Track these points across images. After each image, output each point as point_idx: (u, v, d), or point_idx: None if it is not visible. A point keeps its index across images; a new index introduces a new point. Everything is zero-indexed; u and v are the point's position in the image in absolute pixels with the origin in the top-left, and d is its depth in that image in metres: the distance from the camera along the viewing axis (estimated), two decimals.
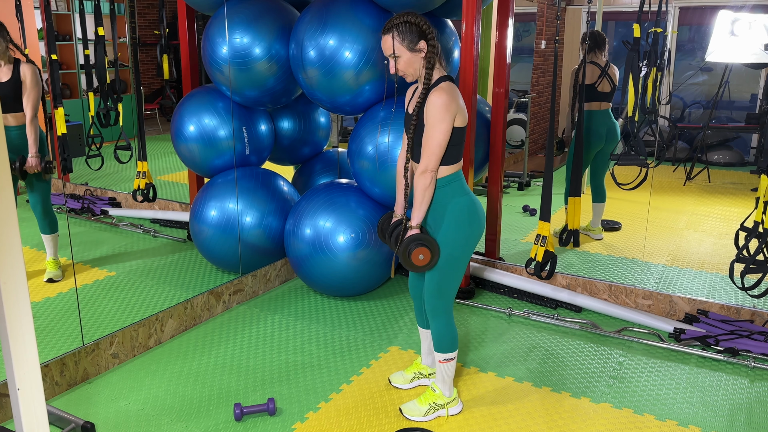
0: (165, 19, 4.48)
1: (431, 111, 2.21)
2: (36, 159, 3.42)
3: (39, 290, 3.57)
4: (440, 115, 2.19)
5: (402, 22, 2.22)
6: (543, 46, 7.38)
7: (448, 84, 2.24)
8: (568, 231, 4.00)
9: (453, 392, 2.52)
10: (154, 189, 4.50)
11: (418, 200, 2.29)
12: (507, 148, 6.57)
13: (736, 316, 3.23)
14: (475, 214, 2.35)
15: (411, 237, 2.28)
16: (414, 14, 2.24)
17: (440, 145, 2.22)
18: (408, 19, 2.22)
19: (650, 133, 4.14)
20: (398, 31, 2.22)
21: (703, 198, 5.75)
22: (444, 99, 2.19)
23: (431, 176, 2.25)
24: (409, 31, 2.22)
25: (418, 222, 2.31)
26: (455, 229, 2.31)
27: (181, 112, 3.81)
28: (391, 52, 2.25)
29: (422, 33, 2.22)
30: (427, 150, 2.23)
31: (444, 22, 3.89)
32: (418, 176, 2.26)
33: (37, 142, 3.41)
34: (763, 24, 5.50)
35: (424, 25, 2.23)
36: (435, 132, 2.21)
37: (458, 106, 2.23)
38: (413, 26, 2.22)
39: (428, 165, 2.24)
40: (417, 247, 2.25)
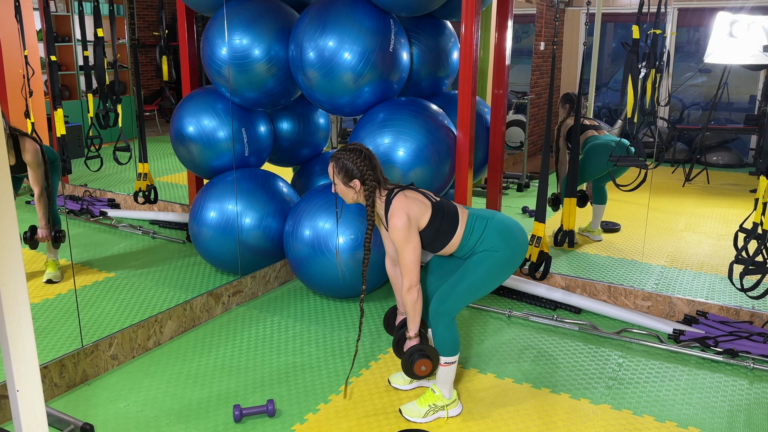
0: (164, 21, 4.49)
1: (395, 236, 2.34)
2: (46, 231, 3.47)
3: (38, 291, 3.57)
4: (404, 238, 2.32)
5: (341, 157, 2.37)
6: (542, 48, 7.39)
7: (396, 202, 2.36)
8: (563, 231, 4.01)
9: (453, 394, 2.53)
10: (156, 191, 4.50)
11: (410, 314, 2.43)
12: (506, 149, 6.58)
13: (736, 317, 3.23)
14: (509, 233, 2.44)
15: (412, 348, 2.43)
16: (357, 152, 2.36)
17: (415, 260, 2.35)
18: (348, 156, 2.37)
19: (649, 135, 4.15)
20: (336, 163, 2.39)
21: (702, 199, 5.76)
22: (401, 221, 2.31)
23: (417, 290, 2.37)
24: (345, 167, 2.37)
25: (415, 333, 2.45)
26: (494, 252, 2.41)
27: (181, 114, 3.81)
28: (330, 178, 2.43)
29: (359, 173, 2.36)
30: (405, 270, 2.36)
31: (443, 24, 3.89)
32: (405, 293, 2.38)
33: (45, 216, 3.44)
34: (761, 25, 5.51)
35: (362, 164, 2.35)
36: (405, 253, 2.34)
37: (416, 212, 2.36)
38: (351, 164, 2.36)
39: (411, 281, 2.36)
40: (419, 359, 2.40)
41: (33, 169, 3.36)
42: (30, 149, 3.33)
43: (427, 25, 3.79)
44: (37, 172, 3.37)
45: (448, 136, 3.46)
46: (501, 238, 2.41)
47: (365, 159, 2.38)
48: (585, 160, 4.37)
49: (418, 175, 3.35)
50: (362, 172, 2.36)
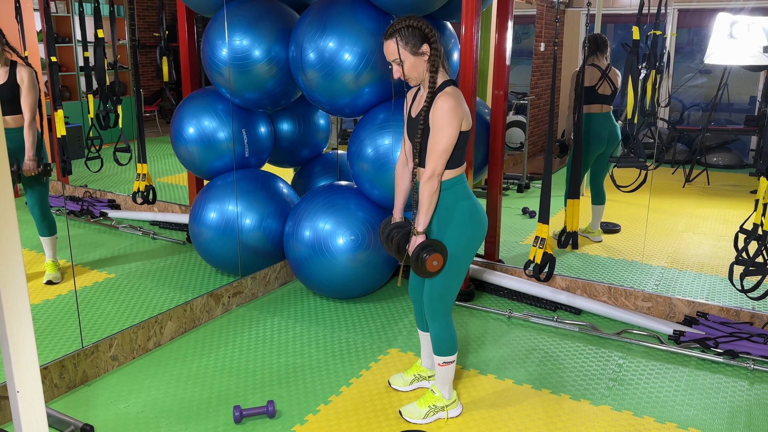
0: (164, 22, 4.49)
1: (438, 115, 2.19)
2: (33, 162, 3.41)
3: (38, 292, 3.57)
4: (448, 120, 2.18)
5: (404, 26, 2.21)
6: (542, 49, 7.39)
7: (453, 88, 2.24)
8: (567, 233, 4.01)
9: (453, 395, 2.52)
10: (154, 191, 4.50)
11: (424, 206, 2.27)
12: (506, 150, 6.58)
13: (736, 318, 3.23)
14: (478, 217, 2.35)
15: (422, 244, 2.26)
16: (416, 18, 2.23)
17: (447, 149, 2.21)
18: (410, 23, 2.21)
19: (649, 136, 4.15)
20: (401, 35, 2.21)
21: (703, 200, 5.76)
22: (451, 103, 2.18)
23: (437, 181, 2.24)
24: (411, 35, 2.20)
25: (423, 227, 2.29)
26: (458, 232, 2.31)
27: (181, 114, 3.81)
28: (395, 57, 2.23)
29: (425, 36, 2.21)
30: (434, 154, 2.22)
31: (443, 25, 3.89)
32: (425, 182, 2.24)
33: (34, 145, 3.39)
34: (761, 26, 5.51)
35: (427, 28, 2.22)
36: (442, 137, 2.20)
37: (464, 111, 2.23)
38: (416, 30, 2.20)
39: (435, 169, 2.23)
40: (431, 254, 2.23)
41: (26, 90, 3.34)
42: (25, 70, 3.34)
43: None
44: (30, 95, 3.35)
45: None
46: (469, 216, 2.32)
47: (427, 23, 2.23)
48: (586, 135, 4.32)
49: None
50: (429, 34, 2.19)
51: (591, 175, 4.64)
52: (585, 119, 4.30)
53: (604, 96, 4.37)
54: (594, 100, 4.35)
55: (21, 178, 3.46)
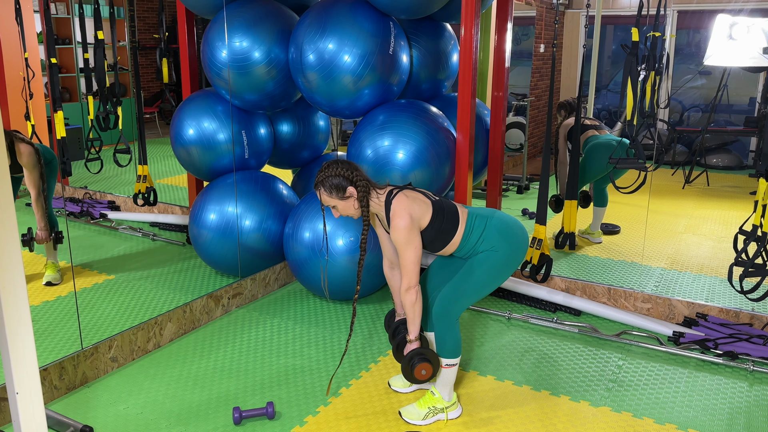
0: (164, 23, 4.49)
1: (396, 237, 2.32)
2: (45, 232, 3.47)
3: (38, 294, 3.57)
4: (406, 238, 2.31)
5: (325, 177, 2.35)
6: (542, 50, 7.40)
7: (397, 202, 2.34)
8: (564, 234, 4.01)
9: (453, 396, 2.52)
10: (155, 193, 4.50)
11: (410, 316, 2.41)
12: (506, 151, 6.58)
13: (735, 319, 3.23)
14: (510, 232, 2.43)
15: (413, 352, 2.41)
16: (335, 165, 2.35)
17: (415, 262, 2.33)
18: (330, 172, 2.35)
19: (649, 137, 4.15)
20: (324, 186, 2.36)
21: (702, 201, 5.76)
22: (404, 222, 2.30)
23: (416, 292, 2.35)
24: (334, 185, 2.35)
25: (415, 336, 2.42)
26: (494, 252, 2.40)
27: (181, 116, 3.82)
28: (326, 204, 2.41)
29: (347, 180, 2.34)
30: (405, 270, 2.34)
31: (443, 26, 3.90)
32: (404, 294, 2.36)
33: (45, 217, 3.43)
34: (761, 28, 5.52)
35: (347, 171, 2.34)
36: (407, 254, 2.32)
37: (418, 212, 2.35)
38: (337, 177, 2.34)
39: (410, 282, 2.34)
40: (420, 363, 2.39)
41: (29, 171, 3.35)
42: (25, 151, 3.32)
43: (427, 27, 3.79)
44: (33, 174, 3.36)
45: (447, 138, 3.46)
46: (501, 236, 2.40)
47: (346, 165, 2.37)
48: (586, 160, 4.37)
49: (418, 177, 3.35)
50: (350, 177, 2.35)
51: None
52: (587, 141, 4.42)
53: (593, 125, 4.55)
54: (586, 129, 4.51)
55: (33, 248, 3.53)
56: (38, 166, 3.37)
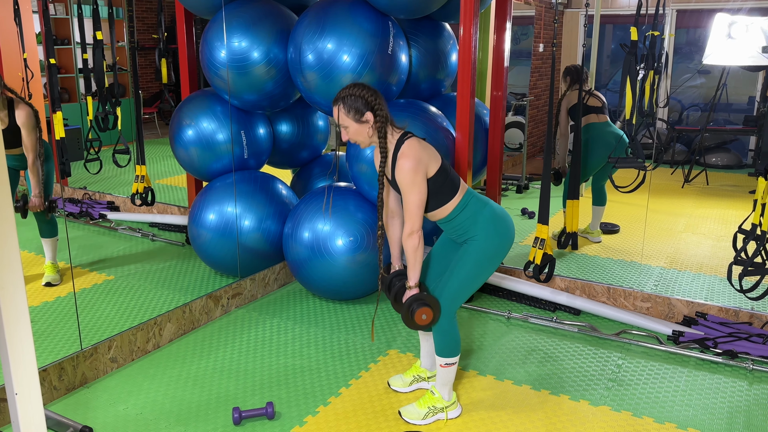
0: (163, 23, 4.49)
1: (401, 178, 2.27)
2: (39, 199, 3.42)
3: (37, 294, 3.57)
4: (411, 180, 2.26)
5: (347, 95, 2.29)
6: (541, 50, 7.40)
7: (408, 145, 2.29)
8: (567, 234, 4.01)
9: (452, 396, 2.52)
10: (153, 193, 4.50)
11: (410, 261, 2.36)
12: (505, 151, 6.58)
13: (735, 318, 3.23)
14: (502, 223, 2.41)
15: (412, 297, 2.35)
16: (361, 86, 2.30)
17: (419, 206, 2.29)
18: (353, 92, 2.29)
19: (648, 136, 4.15)
20: (344, 103, 2.30)
21: (702, 200, 5.76)
22: (411, 163, 2.25)
23: (418, 236, 2.30)
24: (354, 104, 2.29)
25: (415, 282, 2.36)
26: (484, 241, 2.37)
27: (180, 116, 3.81)
28: (340, 123, 2.33)
29: (368, 104, 2.29)
30: (408, 213, 2.29)
31: (442, 26, 3.90)
32: (406, 238, 2.32)
33: (40, 183, 3.39)
34: (760, 27, 5.52)
35: (370, 96, 2.29)
36: (410, 196, 2.27)
37: (426, 161, 2.29)
38: (358, 98, 2.28)
39: (413, 227, 2.29)
40: (419, 308, 2.32)
41: (27, 133, 3.31)
42: (23, 112, 3.30)
43: (426, 27, 3.79)
44: (31, 135, 3.32)
45: (447, 137, 3.46)
46: (493, 225, 2.38)
47: (371, 90, 2.30)
48: (584, 154, 4.34)
49: None
50: (372, 102, 2.29)
51: (593, 176, 4.64)
52: (585, 129, 4.36)
53: (595, 107, 4.46)
54: (587, 111, 4.43)
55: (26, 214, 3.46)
56: (36, 127, 3.33)
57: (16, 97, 3.32)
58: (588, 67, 5.43)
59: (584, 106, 4.36)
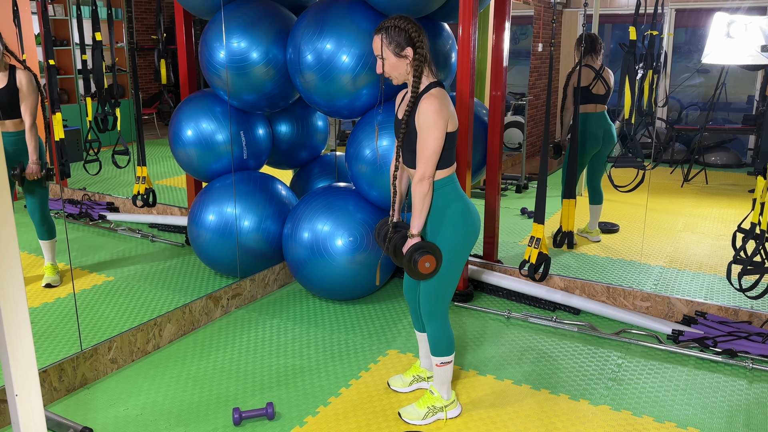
0: (162, 24, 4.49)
1: (423, 118, 2.19)
2: (36, 166, 3.41)
3: (37, 296, 3.57)
4: (433, 122, 2.18)
5: (392, 26, 2.23)
6: (540, 49, 7.40)
7: (438, 90, 2.24)
8: (562, 233, 4.01)
9: (452, 395, 2.52)
10: (154, 194, 4.51)
11: (417, 208, 2.26)
12: (505, 150, 6.58)
13: (734, 317, 3.23)
14: (470, 217, 2.35)
15: (415, 246, 2.26)
16: (406, 19, 2.24)
17: (435, 151, 2.21)
18: (398, 23, 2.23)
19: (647, 135, 4.15)
20: (387, 34, 2.24)
21: (701, 199, 5.76)
22: (435, 105, 2.18)
23: (429, 183, 2.23)
24: (396, 36, 2.23)
25: (418, 230, 2.28)
26: (451, 233, 2.31)
27: (179, 117, 3.82)
28: (378, 52, 2.26)
29: (410, 40, 2.23)
30: (422, 157, 2.21)
31: (441, 26, 3.90)
32: (416, 184, 2.24)
33: (37, 150, 3.39)
34: (759, 26, 5.52)
35: (414, 32, 2.23)
36: (429, 139, 2.19)
37: (449, 112, 2.24)
38: (402, 32, 2.22)
39: (425, 172, 2.22)
40: (422, 256, 2.23)
41: (26, 96, 3.32)
42: (24, 77, 3.31)
43: (425, 27, 3.77)
44: (29, 99, 3.32)
45: None
46: (462, 217, 2.32)
47: (416, 26, 2.26)
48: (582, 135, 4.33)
49: None
50: (416, 39, 2.22)
51: (588, 175, 4.64)
52: (580, 119, 4.31)
53: (598, 96, 4.38)
54: (588, 99, 4.36)
55: (24, 182, 3.45)
56: (35, 91, 3.34)
57: (17, 62, 3.33)
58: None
59: (587, 93, 4.31)
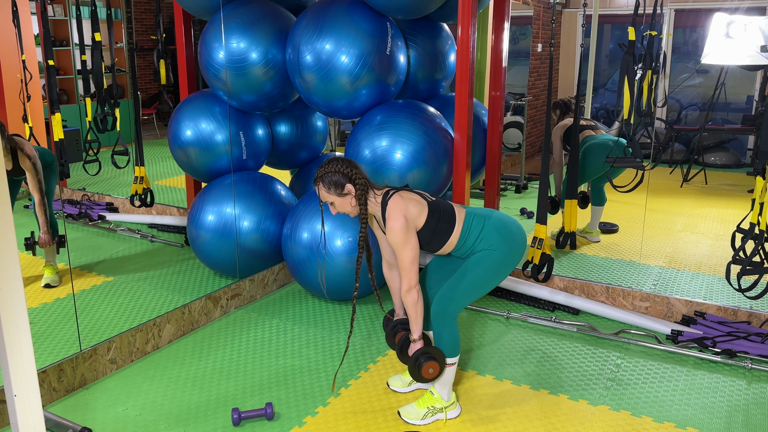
0: (162, 24, 4.49)
1: (392, 238, 2.33)
2: (47, 236, 3.46)
3: (36, 296, 3.57)
4: (403, 239, 2.32)
5: (325, 173, 2.36)
6: (539, 50, 7.40)
7: (392, 203, 2.35)
8: (565, 233, 4.01)
9: (452, 396, 2.53)
10: (152, 194, 4.50)
11: (412, 316, 2.41)
12: (504, 151, 6.59)
13: (733, 317, 3.23)
14: (506, 231, 2.44)
15: (419, 351, 2.39)
16: (335, 161, 2.36)
17: (413, 261, 2.34)
18: (329, 169, 2.35)
19: (646, 136, 4.16)
20: (323, 182, 2.37)
21: (700, 200, 5.77)
22: (399, 223, 2.31)
23: (416, 291, 2.35)
24: (333, 180, 2.35)
25: (418, 335, 2.41)
26: (493, 250, 2.41)
27: (178, 117, 3.82)
28: (325, 200, 2.40)
29: (346, 177, 2.34)
30: (404, 271, 2.35)
31: (440, 26, 3.90)
32: (405, 294, 2.36)
33: (47, 221, 3.43)
34: (758, 26, 5.52)
35: (346, 168, 2.35)
36: (404, 254, 2.33)
37: (413, 214, 2.36)
38: (336, 174, 2.35)
39: (410, 282, 2.34)
40: (427, 361, 2.37)
41: (32, 176, 3.36)
42: (27, 156, 3.33)
43: (424, 27, 3.79)
44: (35, 178, 3.37)
45: (445, 138, 3.46)
46: (499, 236, 2.41)
47: (346, 162, 2.37)
48: (583, 160, 4.37)
49: (416, 177, 3.35)
50: (349, 174, 2.35)
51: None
52: (584, 140, 4.41)
53: (589, 126, 4.53)
54: (583, 129, 4.48)
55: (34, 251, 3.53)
56: (40, 171, 3.37)
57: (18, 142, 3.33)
58: (586, 67, 5.45)
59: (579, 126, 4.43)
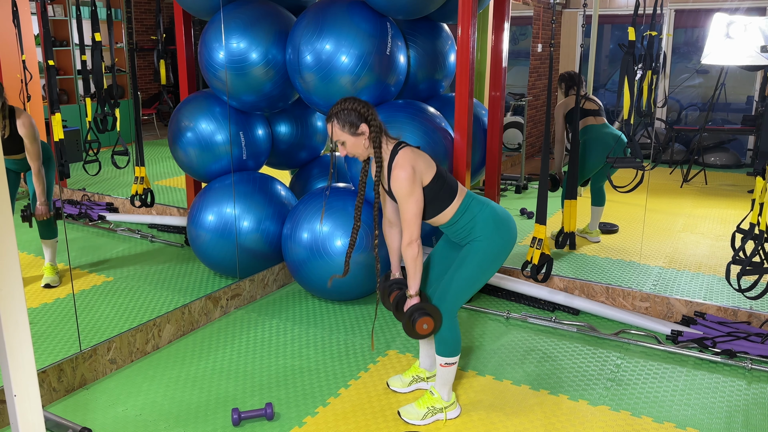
0: (162, 25, 4.49)
1: (397, 187, 2.29)
2: (45, 207, 3.44)
3: (36, 296, 3.57)
4: (407, 190, 2.28)
5: (340, 110, 2.31)
6: (539, 50, 7.40)
7: (402, 153, 2.32)
8: (564, 233, 4.01)
9: (452, 396, 2.53)
10: (152, 194, 4.51)
11: (410, 270, 2.37)
12: (504, 151, 6.59)
13: (733, 317, 3.23)
14: (502, 223, 2.42)
15: (413, 307, 2.36)
16: (352, 100, 2.32)
17: (416, 214, 2.31)
18: (345, 106, 2.31)
19: (646, 136, 4.16)
20: (338, 118, 2.32)
21: (700, 200, 5.77)
22: (406, 173, 2.27)
23: (417, 245, 2.32)
24: (348, 118, 2.30)
25: (416, 291, 2.38)
26: (486, 243, 2.39)
27: (179, 117, 3.82)
28: (336, 138, 2.35)
29: (361, 116, 2.31)
30: (405, 223, 2.32)
31: (440, 26, 3.90)
32: (405, 248, 2.33)
33: (45, 192, 3.41)
34: (758, 26, 5.52)
35: (363, 108, 2.31)
36: (407, 206, 2.30)
37: (421, 169, 2.32)
38: (351, 112, 2.30)
39: (411, 236, 2.31)
40: (420, 317, 2.33)
41: (30, 143, 3.34)
42: (25, 123, 3.31)
43: (424, 27, 3.80)
44: (33, 146, 3.35)
45: (445, 138, 3.46)
46: (494, 225, 2.40)
47: (362, 102, 2.33)
48: (583, 154, 4.35)
49: None
50: (365, 114, 2.30)
51: (593, 177, 4.64)
52: (583, 131, 4.37)
53: (592, 110, 4.49)
54: (584, 114, 4.45)
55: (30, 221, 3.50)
56: (38, 138, 3.36)
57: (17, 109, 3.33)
58: (586, 68, 5.45)
59: (581, 110, 4.38)
